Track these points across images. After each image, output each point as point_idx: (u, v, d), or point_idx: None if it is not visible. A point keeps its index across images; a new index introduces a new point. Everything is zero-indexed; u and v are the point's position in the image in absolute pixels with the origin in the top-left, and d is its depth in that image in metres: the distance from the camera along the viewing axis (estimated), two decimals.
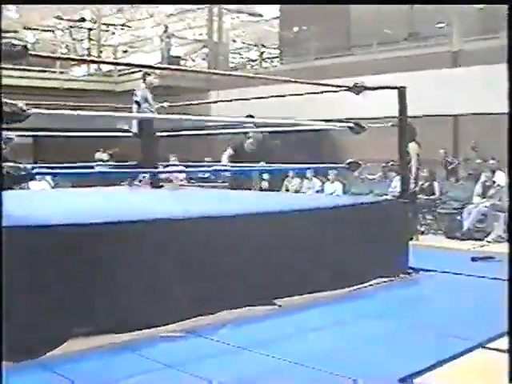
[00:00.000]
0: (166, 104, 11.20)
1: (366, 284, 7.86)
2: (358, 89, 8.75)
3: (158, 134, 11.07)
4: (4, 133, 12.80)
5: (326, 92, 10.59)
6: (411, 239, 9.66)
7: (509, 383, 4.10)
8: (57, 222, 5.75)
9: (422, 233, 14.32)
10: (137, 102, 10.45)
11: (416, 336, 5.88)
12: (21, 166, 5.78)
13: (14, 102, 5.61)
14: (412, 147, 11.35)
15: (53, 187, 14.57)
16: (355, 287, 7.68)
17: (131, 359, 5.24)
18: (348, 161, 9.03)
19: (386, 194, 13.57)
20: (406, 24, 19.22)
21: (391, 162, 15.37)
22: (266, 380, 4.79)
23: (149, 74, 10.91)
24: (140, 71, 21.35)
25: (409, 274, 8.55)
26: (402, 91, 8.73)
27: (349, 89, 8.79)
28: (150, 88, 10.83)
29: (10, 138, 13.92)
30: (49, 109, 9.59)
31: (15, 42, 5.50)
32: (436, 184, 15.18)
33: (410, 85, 8.88)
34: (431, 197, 14.96)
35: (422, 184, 15.17)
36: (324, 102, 12.92)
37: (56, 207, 7.69)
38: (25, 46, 5.54)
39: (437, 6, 17.00)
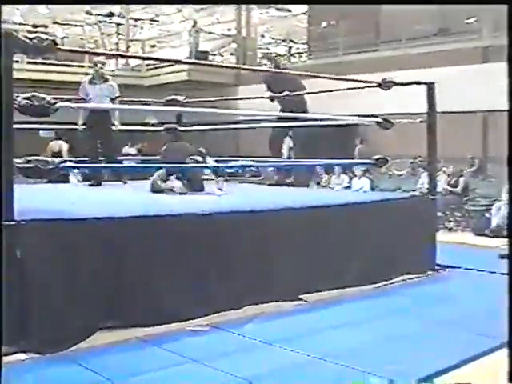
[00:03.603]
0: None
1: (393, 281, 7.83)
2: (387, 84, 8.70)
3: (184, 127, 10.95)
4: None
5: (355, 88, 10.49)
6: None
7: (508, 383, 4.07)
8: (86, 215, 5.77)
9: (450, 229, 14.25)
10: (82, 98, 10.11)
11: (442, 334, 5.84)
12: (48, 160, 5.81)
13: (42, 95, 5.64)
14: (286, 141, 11.54)
15: (80, 181, 14.62)
16: (382, 284, 7.66)
17: (157, 353, 5.25)
18: (376, 157, 8.98)
19: (414, 191, 13.50)
20: (436, 19, 19.05)
21: (419, 158, 15.29)
22: (291, 375, 4.77)
23: (95, 64, 10.34)
24: (170, 65, 21.53)
25: (436, 270, 8.52)
26: (430, 87, 8.68)
27: (378, 85, 8.74)
28: (98, 78, 10.24)
29: None
30: (77, 103, 9.68)
31: (44, 36, 5.52)
32: (461, 179, 15.07)
33: (439, 81, 8.82)
34: (454, 189, 14.84)
35: (450, 180, 15.09)
36: (350, 97, 12.84)
37: (83, 201, 7.72)
38: (53, 41, 5.57)
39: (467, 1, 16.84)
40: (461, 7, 15.85)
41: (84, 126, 10.05)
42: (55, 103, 5.69)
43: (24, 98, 5.47)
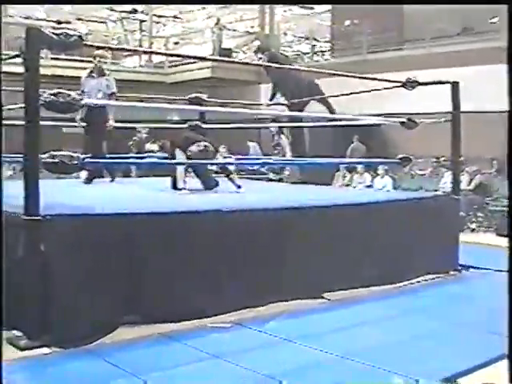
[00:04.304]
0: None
1: (415, 280, 7.81)
2: (410, 84, 8.65)
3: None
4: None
5: (378, 90, 10.43)
6: None
7: (509, 383, 4.05)
8: (109, 211, 5.80)
9: (473, 230, 14.18)
10: (82, 91, 9.63)
11: (464, 334, 5.83)
12: (73, 155, 5.83)
13: (67, 92, 5.67)
14: (283, 139, 12.04)
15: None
16: (404, 283, 7.64)
17: (179, 349, 5.28)
18: (400, 156, 8.93)
19: (437, 190, 13.44)
20: (460, 19, 18.97)
21: (442, 158, 15.22)
22: (313, 373, 4.77)
23: (94, 58, 9.95)
24: (193, 62, 21.52)
25: (458, 271, 8.48)
26: (455, 86, 8.64)
27: (402, 84, 8.69)
28: (96, 72, 9.90)
29: (139, 131, 14.15)
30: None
31: (71, 32, 5.53)
32: (476, 177, 14.99)
33: (463, 80, 8.77)
34: (466, 187, 14.74)
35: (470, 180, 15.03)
36: (373, 95, 12.85)
37: (109, 196, 7.76)
38: (80, 36, 5.58)
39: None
40: (485, 6, 15.78)
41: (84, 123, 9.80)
42: (81, 99, 5.73)
43: (50, 94, 5.50)
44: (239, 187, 8.39)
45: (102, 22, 29.33)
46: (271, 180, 13.90)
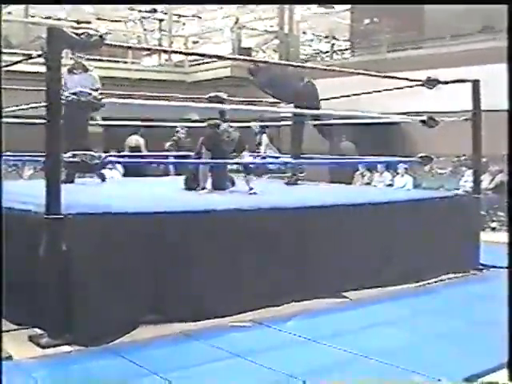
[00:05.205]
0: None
1: (435, 279, 7.78)
2: (431, 83, 8.61)
3: None
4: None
5: (399, 88, 10.36)
6: None
7: (509, 382, 4.03)
8: (130, 210, 5.81)
9: (494, 229, 14.09)
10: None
11: (485, 333, 5.77)
12: (95, 154, 5.86)
13: (88, 91, 5.69)
14: (264, 138, 13.79)
15: (123, 175, 14.69)
16: (425, 282, 7.62)
17: (199, 347, 5.28)
18: (420, 155, 8.89)
19: (458, 189, 13.38)
20: (480, 17, 18.85)
21: (463, 157, 15.16)
22: (332, 372, 4.76)
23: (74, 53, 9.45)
24: (213, 62, 21.50)
25: (479, 270, 8.44)
26: (475, 85, 8.60)
27: (422, 83, 8.65)
28: (77, 68, 9.57)
29: (177, 131, 14.22)
30: (120, 99, 9.71)
31: (92, 31, 5.55)
32: (496, 177, 14.87)
33: (484, 78, 8.72)
34: (486, 186, 14.56)
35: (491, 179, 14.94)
36: (393, 94, 12.83)
37: (127, 196, 7.77)
38: (101, 36, 5.60)
39: None
40: (504, 4, 15.66)
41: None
42: (101, 98, 5.75)
43: (71, 94, 5.53)
44: (251, 189, 8.22)
45: (120, 22, 29.40)
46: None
